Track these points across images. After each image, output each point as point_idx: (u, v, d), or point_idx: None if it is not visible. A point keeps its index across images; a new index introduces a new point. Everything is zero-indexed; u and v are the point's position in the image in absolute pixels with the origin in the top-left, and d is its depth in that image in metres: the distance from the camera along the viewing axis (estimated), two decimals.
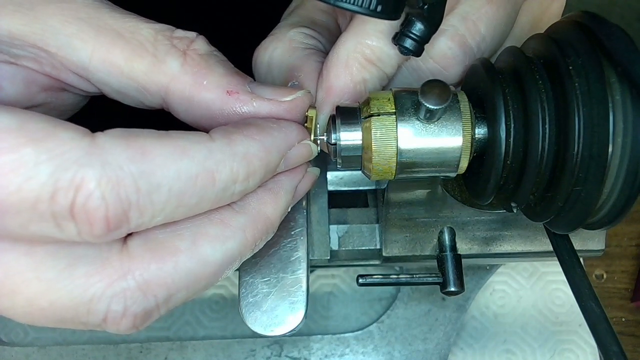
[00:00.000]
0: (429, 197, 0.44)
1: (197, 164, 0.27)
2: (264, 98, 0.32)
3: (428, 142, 0.33)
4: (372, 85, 0.35)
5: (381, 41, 0.34)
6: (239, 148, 0.29)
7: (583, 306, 0.34)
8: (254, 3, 0.64)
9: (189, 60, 0.31)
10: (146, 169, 0.26)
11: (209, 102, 0.31)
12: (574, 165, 0.30)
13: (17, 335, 0.59)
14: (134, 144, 0.26)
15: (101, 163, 0.25)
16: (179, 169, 0.27)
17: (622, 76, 0.29)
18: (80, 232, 0.26)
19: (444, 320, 0.55)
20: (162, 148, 0.27)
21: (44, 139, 0.25)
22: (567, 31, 0.32)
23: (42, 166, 0.24)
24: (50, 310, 0.27)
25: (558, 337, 0.61)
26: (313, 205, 0.45)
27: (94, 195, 0.25)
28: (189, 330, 0.60)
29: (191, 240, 0.29)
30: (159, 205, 0.27)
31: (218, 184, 0.28)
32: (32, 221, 0.25)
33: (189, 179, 0.27)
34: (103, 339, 0.59)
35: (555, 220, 0.34)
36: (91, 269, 0.27)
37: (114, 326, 0.28)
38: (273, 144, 0.31)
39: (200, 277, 0.30)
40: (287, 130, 0.32)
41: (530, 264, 0.63)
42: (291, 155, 0.32)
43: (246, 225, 0.31)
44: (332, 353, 0.55)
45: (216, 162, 0.28)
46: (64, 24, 0.29)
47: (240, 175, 0.29)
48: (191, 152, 0.27)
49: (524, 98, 0.32)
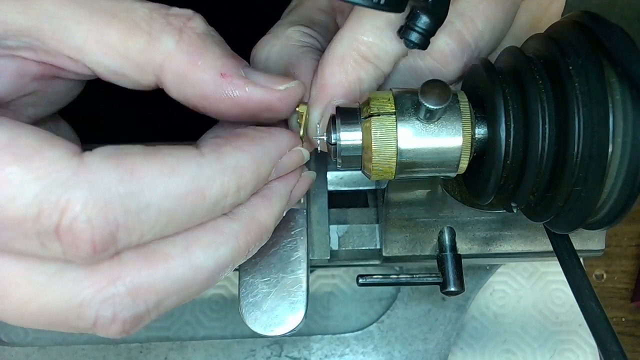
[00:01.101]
0: (429, 197, 0.44)
1: (186, 181, 0.27)
2: (257, 84, 0.32)
3: (428, 142, 0.33)
4: (368, 84, 0.35)
5: (378, 37, 0.33)
6: (229, 161, 0.29)
7: (583, 306, 0.34)
8: (254, 3, 0.64)
9: (184, 38, 0.30)
10: (135, 189, 0.26)
11: (202, 82, 0.31)
12: (574, 165, 0.30)
13: (17, 335, 0.59)
14: (123, 163, 0.26)
15: (89, 185, 0.25)
16: (167, 187, 0.27)
17: (622, 76, 0.29)
18: (65, 252, 0.25)
19: (444, 320, 0.55)
20: (151, 166, 0.26)
21: (31, 158, 0.24)
22: (567, 31, 0.32)
23: (28, 186, 0.24)
24: (41, 314, 0.27)
25: (558, 337, 0.61)
26: (313, 205, 0.45)
27: (80, 218, 0.25)
28: (189, 330, 0.60)
29: (183, 247, 0.29)
30: (148, 225, 0.27)
31: (209, 199, 0.28)
32: (17, 239, 0.25)
33: (179, 197, 0.27)
34: (103, 339, 0.59)
35: (555, 220, 0.34)
36: (81, 274, 0.27)
37: (104, 331, 0.28)
38: (264, 154, 0.30)
39: (192, 283, 0.29)
40: (278, 139, 0.32)
41: (530, 264, 0.63)
42: (282, 163, 0.32)
43: (239, 232, 0.30)
44: (332, 353, 0.55)
45: (206, 178, 0.28)
46: (59, 7, 0.29)
47: (231, 189, 0.29)
48: (180, 170, 0.27)
49: (524, 98, 0.32)
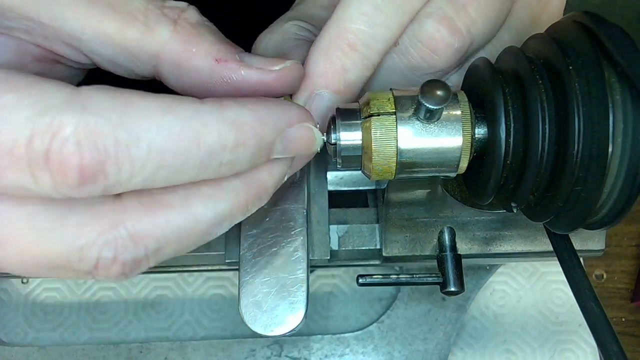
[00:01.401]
0: (429, 197, 0.44)
1: (181, 120, 0.27)
2: (252, 66, 0.32)
3: (428, 142, 0.33)
4: (355, 74, 0.34)
5: (366, 24, 0.33)
6: (229, 113, 0.28)
7: (583, 306, 0.34)
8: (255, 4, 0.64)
9: (179, 28, 0.31)
10: (127, 119, 0.25)
11: (198, 69, 0.31)
12: (574, 165, 0.30)
13: (17, 335, 0.59)
14: (119, 96, 0.26)
15: (81, 109, 0.25)
16: (160, 123, 0.26)
17: (622, 76, 0.29)
18: (54, 183, 0.25)
19: (444, 320, 0.55)
20: (147, 102, 0.26)
21: (27, 88, 0.25)
22: (567, 31, 0.32)
23: (22, 110, 0.24)
24: (43, 258, 0.28)
25: (558, 337, 0.61)
26: (313, 205, 0.45)
27: (70, 141, 0.24)
28: (188, 330, 0.60)
29: (184, 197, 0.29)
30: (138, 162, 0.26)
31: (203, 147, 0.27)
32: (8, 169, 0.25)
33: (171, 135, 0.26)
34: (103, 339, 0.59)
35: (555, 220, 0.34)
36: (84, 218, 0.27)
37: (104, 271, 0.29)
38: (268, 116, 0.29)
39: (190, 233, 0.30)
40: (285, 107, 0.30)
41: (530, 264, 0.63)
42: (290, 134, 0.30)
43: (240, 189, 0.30)
44: (332, 353, 0.55)
45: (202, 123, 0.27)
46: None
47: (229, 142, 0.28)
48: (176, 109, 0.27)
49: (524, 98, 0.32)
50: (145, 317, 0.60)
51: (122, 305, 0.60)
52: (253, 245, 0.41)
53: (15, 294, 0.60)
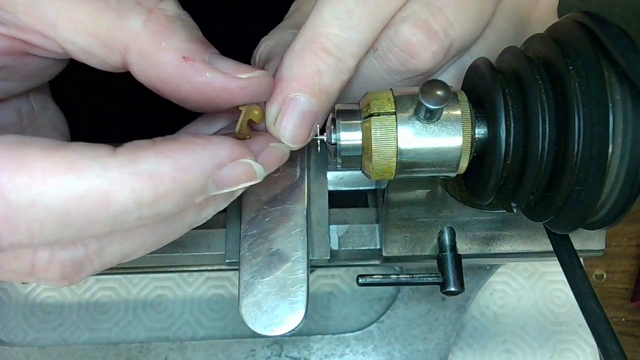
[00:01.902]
0: (429, 197, 0.44)
1: (84, 181, 0.25)
2: (219, 71, 0.31)
3: (428, 142, 0.33)
4: (329, 78, 0.33)
5: (338, 28, 0.32)
6: (144, 166, 0.26)
7: (583, 306, 0.34)
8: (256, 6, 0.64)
9: (152, 18, 0.30)
10: (20, 182, 0.24)
11: (164, 64, 0.30)
12: (574, 165, 0.30)
13: (17, 335, 0.59)
14: (15, 154, 0.25)
15: None
16: (59, 184, 0.25)
17: (622, 76, 0.29)
18: None
19: (444, 320, 0.55)
20: (46, 160, 0.25)
21: None
22: (567, 31, 0.32)
23: None
24: None
25: (558, 337, 0.61)
26: (313, 205, 0.45)
27: None
28: (188, 330, 0.60)
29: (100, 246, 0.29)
30: (36, 225, 0.25)
31: (114, 206, 0.26)
32: None
33: (72, 197, 0.25)
34: (103, 339, 0.59)
35: (555, 220, 0.34)
36: None
37: (43, 273, 0.28)
38: (193, 162, 0.27)
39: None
40: (215, 147, 0.28)
41: (530, 264, 0.63)
42: (223, 177, 0.29)
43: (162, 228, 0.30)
44: (332, 353, 0.55)
45: (111, 181, 0.25)
46: None
47: (146, 197, 0.26)
48: (79, 168, 0.25)
49: (524, 98, 0.32)
50: (145, 317, 0.60)
51: (122, 305, 0.60)
52: (253, 245, 0.41)
53: (15, 294, 0.60)
